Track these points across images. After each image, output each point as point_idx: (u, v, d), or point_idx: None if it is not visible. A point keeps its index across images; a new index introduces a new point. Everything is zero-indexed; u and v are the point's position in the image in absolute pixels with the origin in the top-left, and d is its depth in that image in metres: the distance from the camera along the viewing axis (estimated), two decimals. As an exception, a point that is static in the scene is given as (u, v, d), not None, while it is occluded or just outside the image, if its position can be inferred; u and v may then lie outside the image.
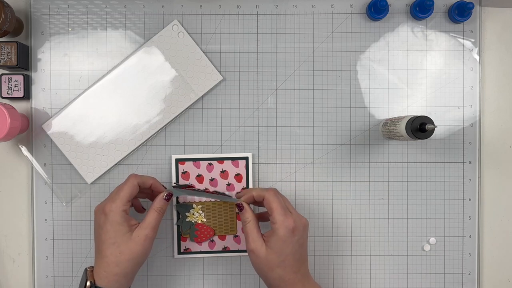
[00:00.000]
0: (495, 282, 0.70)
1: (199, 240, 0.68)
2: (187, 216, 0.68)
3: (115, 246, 0.57)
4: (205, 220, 0.68)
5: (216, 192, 0.67)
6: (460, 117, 0.69)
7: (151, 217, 0.59)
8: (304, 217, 0.59)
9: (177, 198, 0.68)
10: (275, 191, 0.60)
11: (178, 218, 0.68)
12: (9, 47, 0.65)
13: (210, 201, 0.68)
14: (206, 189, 0.68)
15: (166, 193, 0.61)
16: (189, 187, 0.67)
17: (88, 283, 0.56)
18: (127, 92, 0.67)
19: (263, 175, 0.69)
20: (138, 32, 0.69)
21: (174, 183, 0.68)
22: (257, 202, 0.62)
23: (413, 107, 0.69)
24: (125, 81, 0.67)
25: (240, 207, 0.61)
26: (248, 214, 0.60)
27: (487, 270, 0.70)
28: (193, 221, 0.68)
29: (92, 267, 0.58)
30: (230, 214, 0.69)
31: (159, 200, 0.60)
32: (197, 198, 0.68)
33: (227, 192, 0.68)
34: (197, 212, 0.68)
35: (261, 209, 0.67)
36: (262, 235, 0.59)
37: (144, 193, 0.64)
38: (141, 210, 0.66)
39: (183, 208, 0.68)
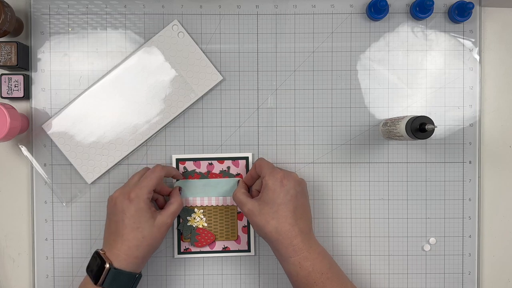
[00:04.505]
0: (495, 282, 0.70)
1: (199, 244, 0.68)
2: (188, 221, 0.68)
3: (139, 231, 0.59)
4: (206, 225, 0.68)
5: (218, 174, 0.68)
6: (460, 117, 0.69)
7: (174, 207, 0.63)
8: (294, 173, 0.62)
9: None
10: (262, 158, 0.66)
11: (179, 223, 0.68)
12: (9, 47, 0.65)
13: (212, 205, 0.68)
14: (208, 172, 0.68)
15: (178, 187, 0.67)
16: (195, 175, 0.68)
17: (107, 265, 0.57)
18: (127, 92, 0.67)
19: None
20: (138, 32, 0.69)
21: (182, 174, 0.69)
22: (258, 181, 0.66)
23: (413, 107, 0.69)
24: (125, 81, 0.67)
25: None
26: (239, 187, 0.64)
27: (487, 270, 0.70)
28: (194, 226, 0.68)
29: (102, 250, 0.59)
30: (231, 219, 0.69)
31: (178, 194, 0.65)
32: (198, 202, 0.68)
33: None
34: (198, 216, 0.68)
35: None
36: (253, 198, 0.62)
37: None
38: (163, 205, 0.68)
39: (185, 212, 0.68)
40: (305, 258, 0.58)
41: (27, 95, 0.67)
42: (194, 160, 0.68)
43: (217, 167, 0.68)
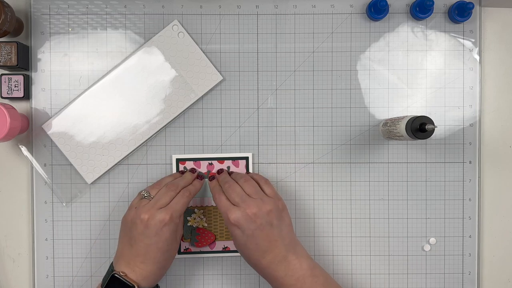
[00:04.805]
0: (495, 282, 0.70)
1: (199, 244, 0.68)
2: (188, 221, 0.68)
3: (169, 252, 0.60)
4: (206, 225, 0.68)
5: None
6: (460, 117, 0.69)
7: (183, 217, 0.64)
8: (254, 206, 0.58)
9: None
10: (216, 188, 0.63)
11: None
12: (9, 47, 0.65)
13: (212, 206, 0.68)
14: (208, 172, 0.68)
15: None
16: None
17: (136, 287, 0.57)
18: (127, 92, 0.67)
19: (263, 175, 0.69)
20: (138, 32, 0.69)
21: None
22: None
23: (413, 107, 0.69)
24: (125, 81, 0.67)
25: None
26: None
27: (487, 270, 0.70)
28: (194, 226, 0.68)
29: (122, 271, 0.58)
30: None
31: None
32: (198, 202, 0.68)
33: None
34: (199, 216, 0.68)
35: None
36: None
37: None
38: None
39: (185, 212, 0.68)
40: (281, 284, 0.58)
41: (27, 95, 0.67)
42: (194, 160, 0.68)
43: (217, 167, 0.68)
